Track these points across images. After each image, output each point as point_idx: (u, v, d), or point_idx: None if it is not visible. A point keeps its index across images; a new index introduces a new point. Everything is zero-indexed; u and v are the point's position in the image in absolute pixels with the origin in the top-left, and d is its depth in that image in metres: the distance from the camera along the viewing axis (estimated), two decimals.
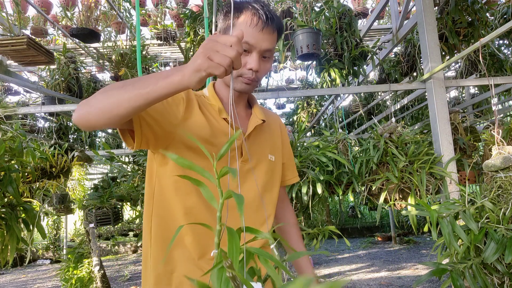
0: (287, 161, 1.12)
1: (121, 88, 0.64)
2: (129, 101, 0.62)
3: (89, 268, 3.38)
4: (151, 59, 3.84)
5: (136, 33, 2.42)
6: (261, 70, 0.88)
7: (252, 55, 0.85)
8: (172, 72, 0.61)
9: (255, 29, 0.84)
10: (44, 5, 4.41)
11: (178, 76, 0.60)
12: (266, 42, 0.85)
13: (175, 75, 0.61)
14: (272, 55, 0.92)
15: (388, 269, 4.72)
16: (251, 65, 0.85)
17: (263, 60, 0.88)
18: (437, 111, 2.39)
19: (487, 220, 1.48)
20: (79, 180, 4.40)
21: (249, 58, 0.85)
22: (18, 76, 3.30)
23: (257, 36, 0.84)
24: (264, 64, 0.89)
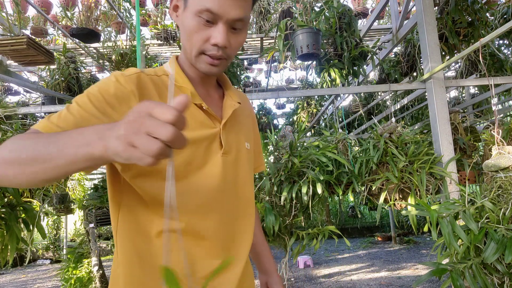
0: (256, 148, 0.96)
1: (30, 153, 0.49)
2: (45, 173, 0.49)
3: (89, 268, 3.39)
4: (151, 59, 3.84)
5: (136, 33, 2.42)
6: (232, 45, 0.70)
7: (217, 26, 0.67)
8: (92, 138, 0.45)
9: None
10: (44, 5, 4.41)
11: (98, 147, 0.44)
12: (237, 9, 0.67)
13: (95, 146, 0.44)
14: (246, 27, 0.72)
15: (388, 269, 4.72)
16: (216, 39, 0.67)
17: (233, 33, 0.70)
18: (437, 111, 2.39)
19: (487, 220, 1.48)
20: (79, 180, 4.39)
21: (214, 30, 0.68)
22: (18, 76, 3.30)
23: (223, 2, 0.65)
24: (236, 38, 0.71)
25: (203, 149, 0.73)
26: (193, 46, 0.70)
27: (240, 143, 0.82)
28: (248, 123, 0.89)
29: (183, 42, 0.73)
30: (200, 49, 0.70)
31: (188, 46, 0.72)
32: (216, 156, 0.74)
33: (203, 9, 0.66)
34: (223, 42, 0.67)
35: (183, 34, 0.72)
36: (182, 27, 0.72)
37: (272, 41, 4.41)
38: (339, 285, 4.15)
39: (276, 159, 2.54)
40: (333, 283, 4.25)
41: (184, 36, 0.71)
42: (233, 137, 0.79)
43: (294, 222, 2.42)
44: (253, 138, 0.92)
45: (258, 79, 8.24)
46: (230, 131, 0.78)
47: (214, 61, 0.70)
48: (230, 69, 3.45)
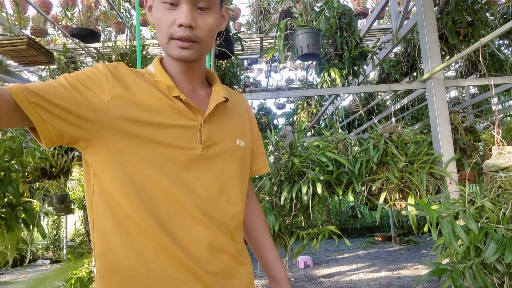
0: (256, 148, 0.93)
1: None
2: None
3: (89, 268, 3.39)
4: (151, 59, 3.83)
5: (136, 33, 2.42)
6: (200, 26, 0.70)
7: (180, 7, 0.68)
8: None
9: None
10: (44, 5, 4.41)
11: None
12: None
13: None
14: (213, 7, 0.72)
15: (388, 269, 4.72)
16: (180, 19, 0.67)
17: (200, 14, 0.70)
18: (437, 111, 2.39)
19: (487, 220, 1.48)
20: (79, 180, 4.39)
21: (178, 12, 0.68)
22: (18, 76, 3.30)
23: None
24: (203, 19, 0.70)
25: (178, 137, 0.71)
26: (162, 34, 0.71)
27: (227, 139, 0.79)
28: (241, 121, 0.86)
29: (157, 36, 0.73)
30: (168, 35, 0.70)
31: (160, 37, 0.72)
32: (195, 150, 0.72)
33: None
34: (187, 21, 0.67)
35: (156, 28, 0.72)
36: (154, 23, 0.73)
37: (272, 41, 4.41)
38: (339, 285, 4.15)
39: (276, 159, 2.54)
40: (333, 283, 4.25)
41: (157, 29, 0.72)
42: (219, 132, 0.77)
43: (294, 222, 2.42)
44: (251, 138, 0.90)
45: (258, 79, 8.25)
46: (213, 126, 0.76)
47: (183, 43, 0.70)
48: (230, 69, 3.45)
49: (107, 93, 0.66)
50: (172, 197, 0.69)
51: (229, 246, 0.75)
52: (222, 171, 0.76)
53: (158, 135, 0.68)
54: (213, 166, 0.75)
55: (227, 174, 0.77)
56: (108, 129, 0.65)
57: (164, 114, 0.70)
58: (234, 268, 0.76)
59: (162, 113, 0.70)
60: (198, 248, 0.70)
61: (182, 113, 0.72)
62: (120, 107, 0.66)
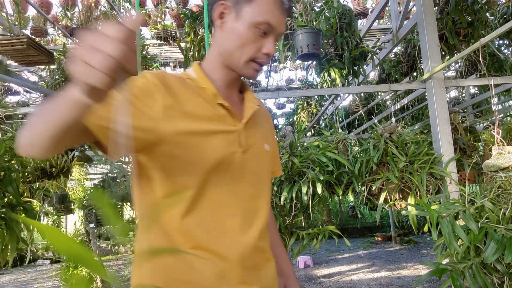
0: (274, 152, 0.99)
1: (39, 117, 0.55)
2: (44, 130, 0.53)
3: None
4: (151, 59, 3.84)
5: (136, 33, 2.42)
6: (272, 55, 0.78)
7: (270, 38, 0.76)
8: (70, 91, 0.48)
9: (278, 9, 0.74)
10: (44, 5, 4.41)
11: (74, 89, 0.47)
12: (284, 25, 0.77)
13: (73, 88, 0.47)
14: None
15: (388, 269, 4.72)
16: (269, 49, 0.75)
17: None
18: (437, 111, 2.40)
19: (487, 220, 1.48)
20: (79, 180, 4.40)
21: (267, 41, 0.75)
22: (18, 76, 3.30)
23: (279, 17, 0.75)
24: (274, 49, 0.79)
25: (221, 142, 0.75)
26: (244, 54, 0.76)
27: (260, 144, 0.84)
28: (266, 126, 0.92)
29: (229, 47, 0.77)
30: (251, 57, 0.76)
31: (237, 53, 0.76)
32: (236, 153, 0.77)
33: (263, 21, 0.73)
34: (273, 52, 0.76)
35: (230, 40, 0.76)
36: (230, 34, 0.76)
37: None
38: (339, 285, 4.15)
39: None
40: (333, 283, 4.25)
41: (234, 43, 0.76)
42: (253, 137, 0.82)
43: (294, 222, 2.42)
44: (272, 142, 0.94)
45: (258, 79, 8.24)
46: (250, 131, 0.81)
47: (260, 67, 0.79)
48: None
49: (159, 103, 0.69)
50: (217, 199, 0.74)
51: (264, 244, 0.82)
52: (257, 173, 0.82)
53: (203, 142, 0.73)
54: (250, 168, 0.80)
55: (261, 176, 0.83)
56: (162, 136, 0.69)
57: (209, 121, 0.74)
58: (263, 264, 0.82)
59: (207, 120, 0.74)
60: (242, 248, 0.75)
61: (223, 119, 0.77)
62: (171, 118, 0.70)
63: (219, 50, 0.79)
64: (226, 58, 0.78)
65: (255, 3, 0.73)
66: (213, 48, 0.82)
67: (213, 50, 0.82)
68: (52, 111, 0.52)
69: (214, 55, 0.81)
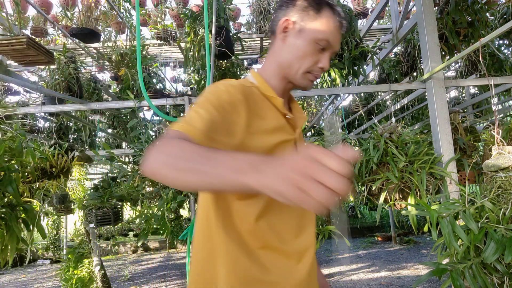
0: None
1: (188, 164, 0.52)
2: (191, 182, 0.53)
3: (90, 268, 3.39)
4: (151, 59, 3.84)
5: (136, 33, 2.42)
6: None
7: (326, 54, 0.83)
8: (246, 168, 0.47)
9: (337, 30, 0.82)
10: (44, 5, 4.41)
11: (253, 179, 0.46)
12: (339, 45, 0.85)
13: (249, 176, 0.46)
14: None
15: (388, 269, 4.72)
16: (325, 64, 0.83)
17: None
18: (437, 111, 2.39)
19: (487, 220, 1.48)
20: (79, 180, 4.40)
21: (323, 57, 0.83)
22: (18, 76, 3.30)
23: (337, 37, 0.83)
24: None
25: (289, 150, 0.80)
26: (302, 66, 0.83)
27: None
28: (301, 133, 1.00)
29: (288, 58, 0.84)
30: (308, 69, 0.83)
31: (296, 64, 0.83)
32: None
33: (323, 39, 0.80)
34: (328, 67, 0.84)
35: (291, 52, 0.83)
36: (291, 47, 0.83)
37: None
38: (339, 285, 4.15)
39: None
40: (333, 283, 4.25)
41: (294, 55, 0.83)
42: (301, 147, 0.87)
43: None
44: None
45: None
46: (300, 141, 0.89)
47: (315, 79, 0.86)
48: (230, 69, 3.44)
49: (243, 120, 0.72)
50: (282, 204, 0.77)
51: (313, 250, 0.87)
52: None
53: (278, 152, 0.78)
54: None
55: None
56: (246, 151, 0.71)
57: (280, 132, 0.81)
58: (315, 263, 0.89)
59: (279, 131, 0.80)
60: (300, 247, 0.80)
61: (286, 128, 0.83)
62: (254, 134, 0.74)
63: (279, 61, 0.86)
64: (285, 69, 0.85)
65: (319, 22, 0.81)
66: (271, 59, 0.88)
67: (271, 61, 0.88)
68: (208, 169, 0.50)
69: (272, 65, 0.87)
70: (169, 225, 2.55)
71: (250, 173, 0.46)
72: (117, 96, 4.16)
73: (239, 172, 0.47)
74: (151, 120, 5.03)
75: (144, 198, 2.82)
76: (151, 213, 2.61)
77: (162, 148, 0.56)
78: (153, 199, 2.76)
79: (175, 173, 0.54)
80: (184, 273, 5.29)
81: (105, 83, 5.25)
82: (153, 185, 2.70)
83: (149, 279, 5.13)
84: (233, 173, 0.48)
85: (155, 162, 0.56)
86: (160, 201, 2.46)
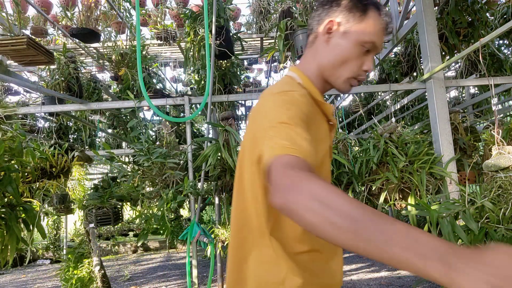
0: None
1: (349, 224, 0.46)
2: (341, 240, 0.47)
3: (90, 268, 3.38)
4: (151, 59, 3.84)
5: (136, 33, 2.42)
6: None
7: (369, 56, 0.80)
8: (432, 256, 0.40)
9: (382, 31, 0.80)
10: (44, 5, 4.41)
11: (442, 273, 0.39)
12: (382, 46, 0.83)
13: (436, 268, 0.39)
14: None
15: (388, 269, 4.72)
16: (369, 67, 0.81)
17: None
18: (437, 111, 2.39)
19: (487, 220, 1.48)
20: (79, 180, 4.39)
21: (367, 59, 0.80)
22: (18, 76, 3.30)
23: (381, 38, 0.80)
24: None
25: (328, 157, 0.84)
26: (346, 69, 0.80)
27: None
28: None
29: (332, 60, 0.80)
30: (353, 73, 0.80)
31: (340, 67, 0.80)
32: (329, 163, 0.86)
33: (369, 41, 0.78)
34: (372, 70, 0.82)
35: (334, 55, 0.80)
36: (335, 49, 0.80)
37: (272, 41, 4.40)
38: None
39: None
40: None
41: (338, 57, 0.80)
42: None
43: None
44: None
45: (258, 79, 8.24)
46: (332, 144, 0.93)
47: (357, 84, 0.83)
48: (230, 69, 3.44)
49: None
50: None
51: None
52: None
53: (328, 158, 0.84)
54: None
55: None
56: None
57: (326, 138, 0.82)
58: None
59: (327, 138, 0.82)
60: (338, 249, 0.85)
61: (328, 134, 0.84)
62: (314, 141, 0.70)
63: (321, 62, 0.82)
64: (327, 71, 0.82)
65: (364, 24, 0.78)
66: (311, 59, 0.84)
67: (311, 61, 0.84)
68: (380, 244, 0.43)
69: (312, 65, 0.84)
70: (169, 225, 2.55)
71: (438, 264, 0.39)
72: (117, 96, 4.16)
73: (419, 257, 0.40)
74: (151, 120, 5.04)
75: (144, 198, 2.82)
76: (151, 213, 2.61)
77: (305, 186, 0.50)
78: (153, 199, 2.76)
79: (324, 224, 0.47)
80: (184, 273, 5.29)
81: (105, 83, 5.25)
82: (153, 185, 2.70)
83: (149, 279, 5.13)
84: (416, 259, 0.41)
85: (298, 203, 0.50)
86: (160, 201, 2.46)
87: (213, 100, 2.81)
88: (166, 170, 2.52)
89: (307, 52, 0.87)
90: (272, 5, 4.39)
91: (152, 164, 2.53)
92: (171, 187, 2.53)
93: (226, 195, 2.68)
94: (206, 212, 8.59)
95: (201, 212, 2.67)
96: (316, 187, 0.50)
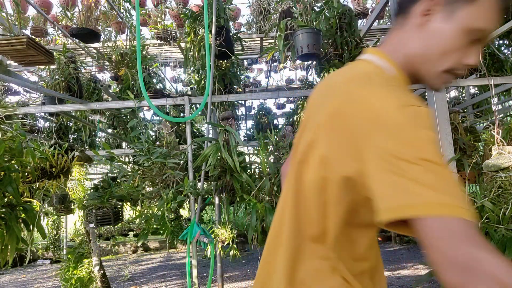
0: None
1: None
2: None
3: (89, 268, 3.39)
4: (151, 59, 3.84)
5: (136, 33, 2.42)
6: None
7: (475, 47, 0.63)
8: None
9: (497, 17, 0.61)
10: (44, 5, 4.41)
11: None
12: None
13: None
14: None
15: (388, 269, 4.72)
16: (475, 61, 0.63)
17: None
18: (437, 111, 2.40)
19: (487, 220, 1.48)
20: (79, 180, 4.39)
21: (474, 50, 0.63)
22: (18, 76, 3.30)
23: (494, 26, 0.62)
24: None
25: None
26: (446, 61, 0.64)
27: None
28: None
29: (428, 50, 0.65)
30: (452, 66, 0.64)
31: (437, 59, 0.64)
32: None
33: (482, 28, 0.61)
34: (477, 64, 0.65)
35: (432, 43, 0.64)
36: (433, 36, 0.64)
37: (272, 41, 4.41)
38: None
39: (276, 159, 2.53)
40: None
41: (437, 47, 0.64)
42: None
43: None
44: None
45: (258, 79, 8.24)
46: None
47: (451, 80, 0.67)
48: (230, 69, 3.45)
49: None
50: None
51: None
52: None
53: None
54: None
55: None
56: None
57: None
58: None
59: None
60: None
61: None
62: None
63: (411, 51, 0.66)
64: (417, 63, 0.66)
65: (478, 6, 0.60)
66: (398, 45, 0.68)
67: (398, 48, 0.68)
68: None
69: (400, 54, 0.68)
70: (169, 225, 2.55)
71: None
72: (117, 96, 4.16)
73: None
74: (151, 120, 5.03)
75: (144, 198, 2.82)
76: (151, 213, 2.61)
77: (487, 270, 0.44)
78: (153, 199, 2.76)
79: None
80: (184, 273, 5.29)
81: (105, 83, 5.25)
82: (153, 185, 2.70)
83: (149, 279, 5.13)
84: None
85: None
86: (160, 201, 2.46)
87: (213, 100, 2.81)
88: (166, 170, 2.52)
89: (393, 35, 0.70)
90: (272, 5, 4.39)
91: (152, 164, 2.53)
92: (171, 187, 2.53)
93: (226, 195, 2.68)
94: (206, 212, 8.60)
95: (201, 212, 2.67)
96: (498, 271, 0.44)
